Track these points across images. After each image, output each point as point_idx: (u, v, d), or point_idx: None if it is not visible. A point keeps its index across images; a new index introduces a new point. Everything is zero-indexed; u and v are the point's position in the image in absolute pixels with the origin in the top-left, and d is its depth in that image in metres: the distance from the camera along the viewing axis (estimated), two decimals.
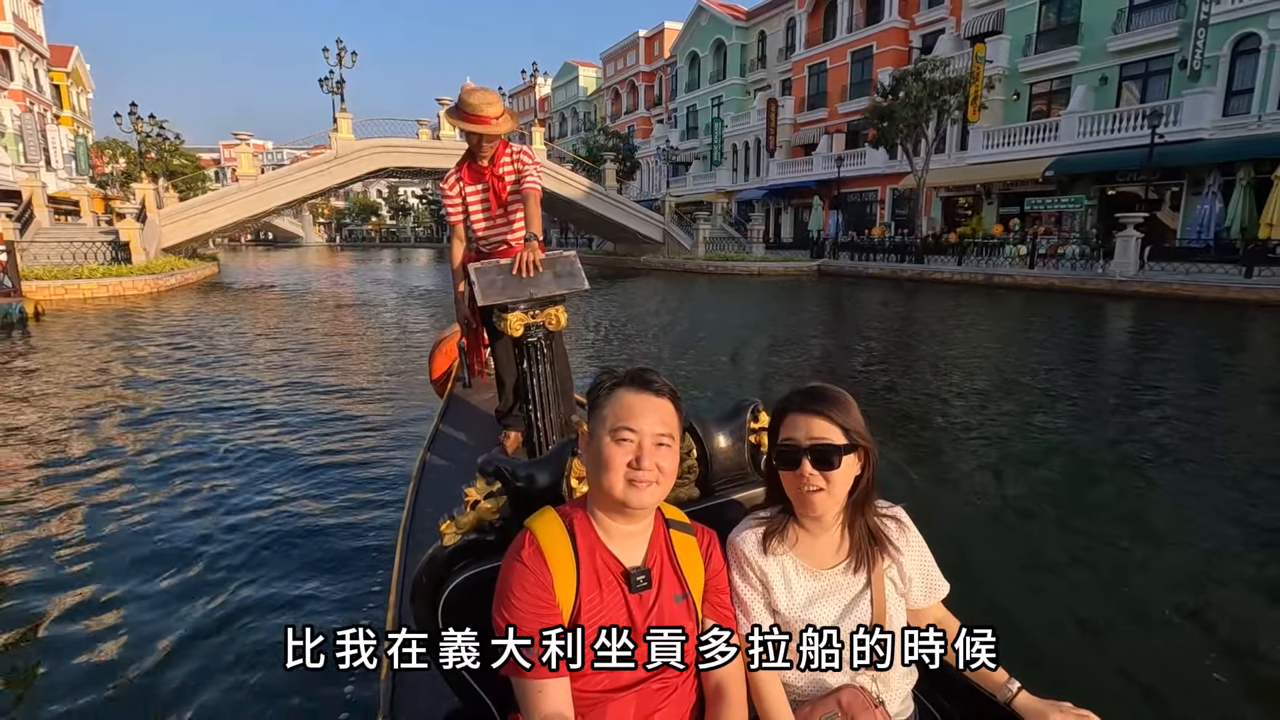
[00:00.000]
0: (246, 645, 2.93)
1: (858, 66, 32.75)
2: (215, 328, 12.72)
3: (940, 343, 10.92)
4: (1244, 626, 3.08)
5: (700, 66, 44.29)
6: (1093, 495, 4.73)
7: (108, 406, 6.99)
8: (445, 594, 1.25)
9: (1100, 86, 23.22)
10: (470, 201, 3.15)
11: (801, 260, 26.97)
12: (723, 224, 33.42)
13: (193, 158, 43.82)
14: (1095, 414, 6.71)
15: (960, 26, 28.36)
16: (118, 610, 3.26)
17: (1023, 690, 1.29)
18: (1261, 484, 4.75)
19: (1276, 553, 3.78)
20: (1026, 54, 25.14)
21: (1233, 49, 19.64)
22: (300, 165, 25.03)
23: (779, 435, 1.31)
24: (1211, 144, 19.60)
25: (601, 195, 29.02)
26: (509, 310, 2.55)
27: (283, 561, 3.67)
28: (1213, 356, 9.69)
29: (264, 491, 4.68)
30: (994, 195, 26.58)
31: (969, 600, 1.58)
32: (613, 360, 9.86)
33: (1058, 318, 13.21)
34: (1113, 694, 2.60)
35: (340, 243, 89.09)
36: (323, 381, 8.23)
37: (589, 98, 59.09)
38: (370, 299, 19.53)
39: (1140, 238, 17.20)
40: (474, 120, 2.88)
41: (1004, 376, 8.33)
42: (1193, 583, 3.47)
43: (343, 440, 5.81)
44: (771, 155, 37.02)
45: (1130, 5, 22.18)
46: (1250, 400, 7.22)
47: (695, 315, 15.36)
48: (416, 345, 10.68)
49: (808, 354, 10.36)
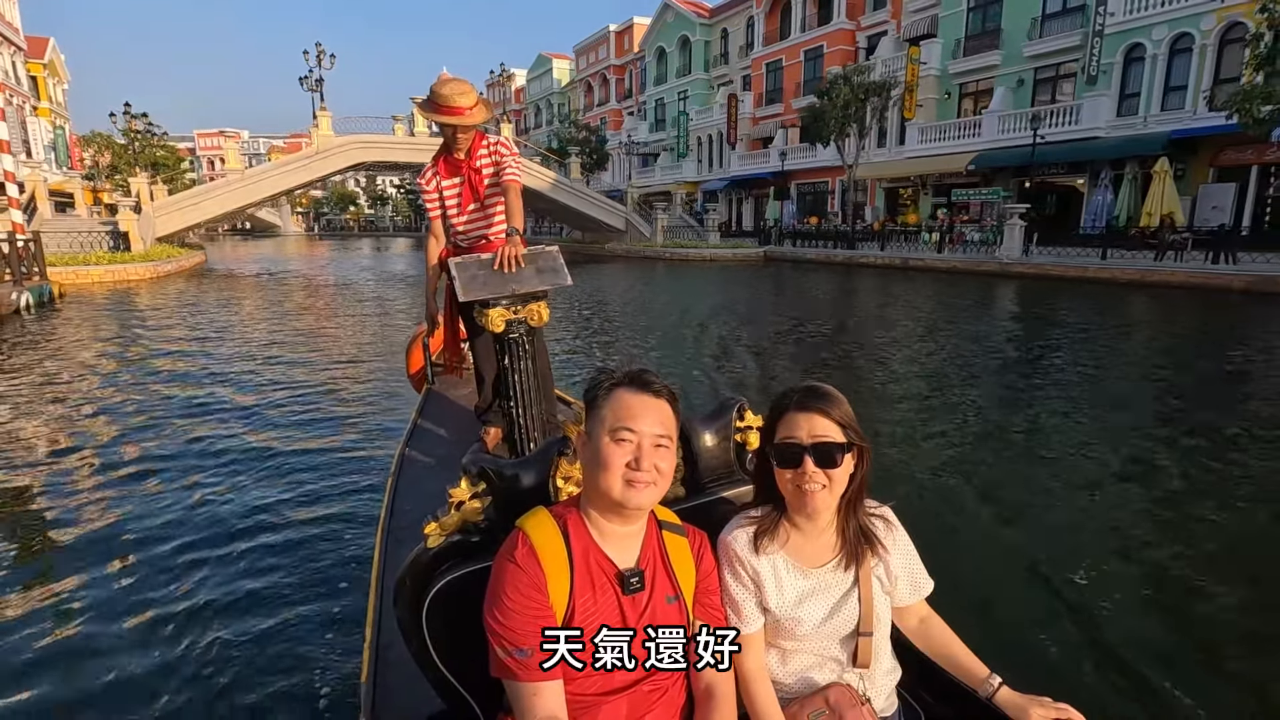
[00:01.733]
0: (221, 645, 2.86)
1: (810, 64, 34.89)
2: (213, 307, 14.63)
3: (856, 317, 13.19)
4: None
5: (667, 61, 46.08)
6: (928, 425, 6.95)
7: (137, 372, 8.98)
8: (429, 597, 1.24)
9: (1018, 88, 25.61)
10: (448, 196, 3.07)
11: (750, 247, 29.27)
12: (681, 213, 35.62)
13: (172, 149, 44.98)
14: (940, 369, 8.97)
15: (900, 29, 30.62)
16: (81, 606, 3.20)
17: (1004, 685, 1.31)
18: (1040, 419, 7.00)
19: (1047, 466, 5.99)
20: (956, 57, 27.47)
21: (1124, 57, 22.08)
22: (284, 160, 26.69)
23: (776, 434, 1.31)
24: (1105, 142, 22.06)
25: (567, 187, 31.07)
26: (490, 306, 2.53)
27: (258, 557, 3.63)
28: (1062, 319, 12.03)
29: (241, 479, 4.74)
30: (929, 186, 28.99)
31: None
32: (583, 335, 11.35)
33: (951, 294, 15.54)
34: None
35: (319, 232, 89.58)
36: (313, 361, 9.15)
37: (563, 89, 60.51)
38: (351, 280, 21.39)
39: (1024, 226, 19.64)
40: (447, 111, 2.80)
41: (891, 339, 10.57)
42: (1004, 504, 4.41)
43: (330, 425, 6.05)
44: (733, 148, 39.14)
45: (1042, 14, 24.53)
46: (1071, 356, 9.50)
47: (651, 294, 17.53)
48: (397, 325, 12.65)
49: (739, 319, 12.50)
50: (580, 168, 34.76)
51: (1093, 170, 22.89)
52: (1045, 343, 9.84)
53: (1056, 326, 11.31)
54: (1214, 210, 20.21)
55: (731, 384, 7.81)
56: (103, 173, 35.97)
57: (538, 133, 60.40)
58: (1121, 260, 17.49)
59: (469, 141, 2.95)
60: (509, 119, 47.52)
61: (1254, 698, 2.60)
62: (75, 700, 2.59)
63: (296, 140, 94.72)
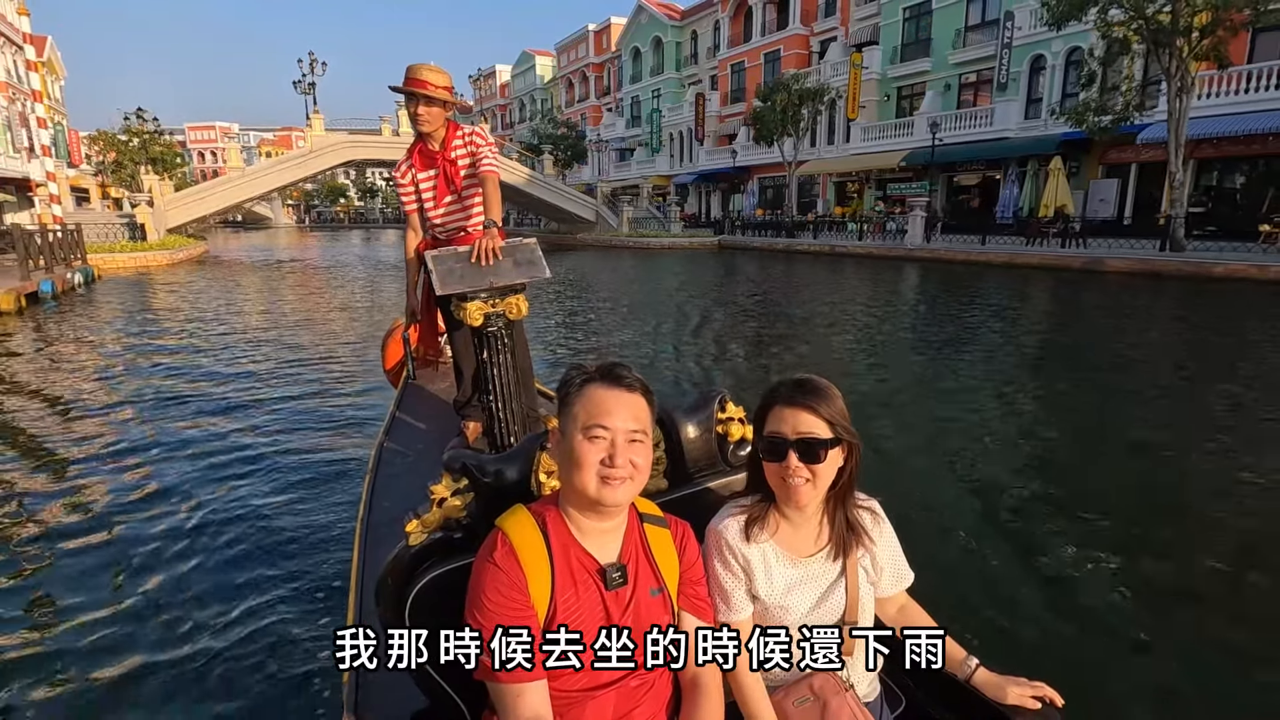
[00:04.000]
0: (201, 644, 2.85)
1: (769, 66, 37.51)
2: (224, 289, 17.29)
3: (781, 291, 15.97)
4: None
5: (642, 60, 48.51)
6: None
7: (174, 338, 11.63)
8: (412, 595, 1.24)
9: (945, 91, 28.42)
10: (423, 188, 3.05)
11: (706, 236, 32.15)
12: (648, 206, 38.41)
13: (170, 145, 47.20)
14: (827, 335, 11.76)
15: (849, 35, 33.32)
16: (57, 607, 3.17)
17: (981, 666, 1.35)
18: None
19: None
20: (894, 62, 30.24)
21: (1030, 66, 24.90)
22: (281, 159, 29.27)
23: (764, 427, 1.33)
24: (1013, 142, 24.90)
25: (540, 181, 33.75)
26: (468, 299, 2.49)
27: (236, 552, 3.64)
28: (929, 292, 14.86)
29: (225, 472, 4.78)
30: (872, 181, 31.80)
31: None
32: (557, 313, 12.91)
33: (863, 274, 18.40)
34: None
35: (309, 224, 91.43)
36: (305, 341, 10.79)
37: (545, 85, 62.79)
38: (344, 263, 23.98)
39: (925, 216, 22.66)
40: (410, 83, 2.82)
41: (808, 310, 13.36)
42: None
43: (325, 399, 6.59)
44: (700, 144, 41.84)
45: (965, 26, 27.32)
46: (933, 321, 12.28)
47: (613, 276, 20.28)
48: (384, 306, 15.29)
49: (688, 294, 15.19)
50: (554, 163, 37.44)
51: (1005, 167, 25.77)
52: (896, 308, 12.67)
53: (923, 299, 14.20)
54: (1101, 202, 23.14)
55: (670, 334, 10.55)
56: (109, 169, 38.29)
57: (522, 127, 62.66)
58: (997, 245, 20.76)
59: (441, 131, 2.96)
60: (486, 118, 49.77)
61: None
62: (45, 700, 2.56)
63: (286, 133, 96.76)
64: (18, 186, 33.11)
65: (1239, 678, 2.65)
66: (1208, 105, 19.17)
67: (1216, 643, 2.86)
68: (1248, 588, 3.29)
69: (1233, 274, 14.06)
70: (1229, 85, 19.10)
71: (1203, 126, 18.70)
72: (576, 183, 45.72)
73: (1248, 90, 18.77)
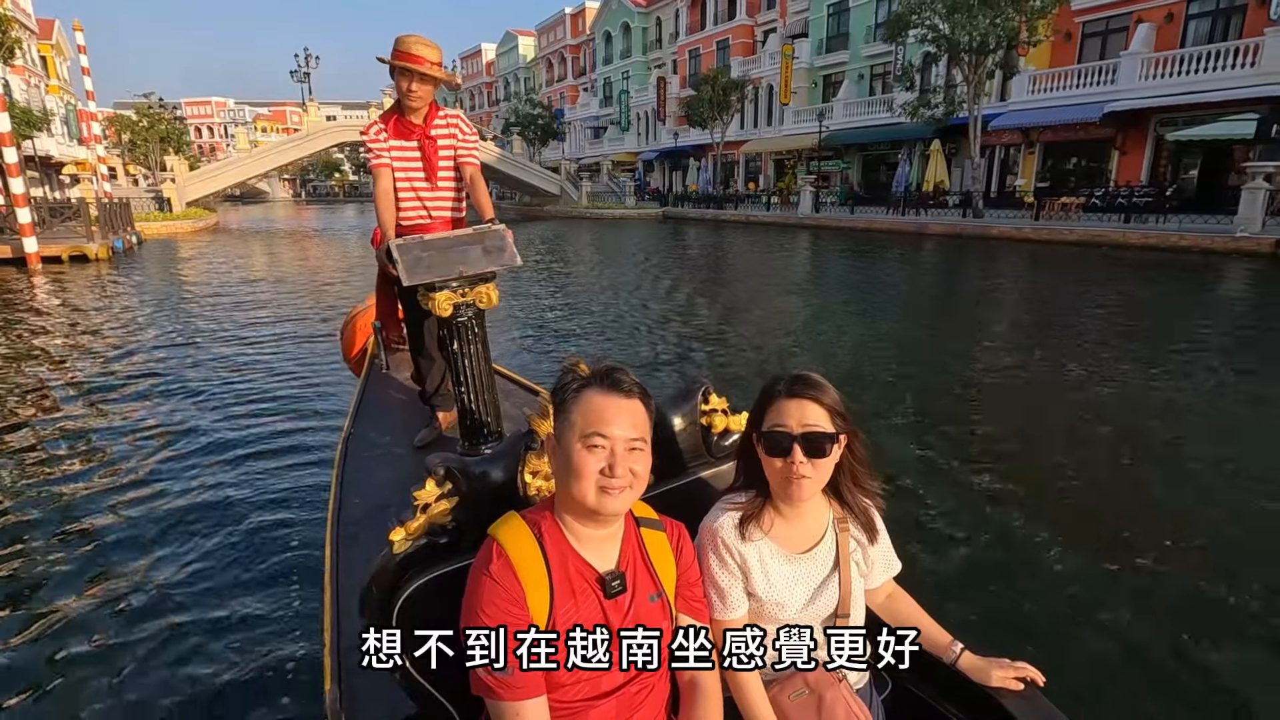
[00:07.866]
0: (174, 651, 2.73)
1: (721, 53, 41.43)
2: (240, 250, 21.80)
3: (693, 247, 20.51)
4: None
5: (613, 44, 52.10)
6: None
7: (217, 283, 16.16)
8: (399, 603, 1.21)
9: (859, 81, 32.63)
10: (396, 159, 2.82)
11: (652, 208, 36.69)
12: (607, 181, 42.98)
13: (175, 125, 51.13)
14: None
15: (786, 26, 37.31)
16: (41, 609, 3.09)
17: (966, 650, 1.38)
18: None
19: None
20: (820, 53, 34.36)
21: (921, 61, 29.09)
22: (281, 141, 33.74)
23: (765, 421, 1.31)
24: (906, 127, 29.17)
25: (511, 159, 38.15)
26: (436, 289, 2.41)
27: (210, 550, 3.56)
28: (799, 248, 19.36)
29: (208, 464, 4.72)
30: (803, 159, 36.09)
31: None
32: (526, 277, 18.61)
33: (761, 239, 22.94)
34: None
35: (305, 198, 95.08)
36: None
37: (528, 65, 66.20)
38: (339, 231, 28.41)
39: (816, 190, 27.15)
40: (405, 58, 2.63)
41: (714, 271, 17.90)
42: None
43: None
44: (663, 123, 45.89)
45: (875, 23, 31.44)
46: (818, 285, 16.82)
47: (573, 239, 24.83)
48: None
49: (623, 253, 19.66)
50: (523, 143, 41.81)
51: (902, 148, 30.15)
52: (772, 256, 17.22)
53: (795, 253, 18.74)
54: (972, 180, 27.58)
55: (610, 285, 15.01)
56: (125, 148, 42.41)
57: (506, 105, 66.32)
58: (865, 214, 25.76)
59: (425, 106, 2.80)
60: (473, 95, 53.32)
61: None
62: (16, 706, 2.48)
63: (281, 108, 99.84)
64: (44, 165, 37.33)
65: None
66: (1041, 99, 23.64)
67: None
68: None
69: (1003, 234, 18.75)
70: (1054, 83, 23.59)
71: (1038, 116, 23.30)
72: (555, 159, 49.86)
73: (1072, 88, 23.21)
